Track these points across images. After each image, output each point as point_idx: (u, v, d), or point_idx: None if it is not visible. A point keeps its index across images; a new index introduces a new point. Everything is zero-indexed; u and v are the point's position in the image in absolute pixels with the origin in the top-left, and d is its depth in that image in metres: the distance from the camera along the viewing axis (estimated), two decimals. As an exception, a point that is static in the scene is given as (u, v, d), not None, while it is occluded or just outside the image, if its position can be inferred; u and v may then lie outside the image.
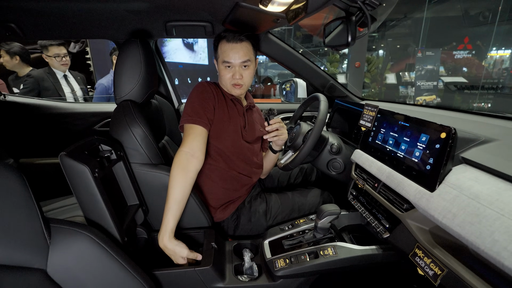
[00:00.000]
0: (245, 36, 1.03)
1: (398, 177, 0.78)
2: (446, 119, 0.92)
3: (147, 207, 0.98)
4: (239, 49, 1.02)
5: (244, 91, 1.13)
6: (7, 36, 1.18)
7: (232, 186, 1.11)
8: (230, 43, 1.02)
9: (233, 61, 1.02)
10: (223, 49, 1.03)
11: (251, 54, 1.06)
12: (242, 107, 1.14)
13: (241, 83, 1.06)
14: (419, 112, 1.00)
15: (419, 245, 0.69)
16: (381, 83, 7.03)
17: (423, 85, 5.75)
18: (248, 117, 1.15)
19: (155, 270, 0.81)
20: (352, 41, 0.67)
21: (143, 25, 1.18)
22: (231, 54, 1.02)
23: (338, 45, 0.73)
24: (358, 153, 1.01)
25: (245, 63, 1.04)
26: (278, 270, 0.84)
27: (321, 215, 0.88)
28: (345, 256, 0.84)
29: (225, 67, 1.04)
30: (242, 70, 1.05)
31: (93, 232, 0.64)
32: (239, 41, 1.02)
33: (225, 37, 1.02)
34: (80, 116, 1.70)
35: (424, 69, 5.71)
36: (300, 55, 1.40)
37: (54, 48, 2.19)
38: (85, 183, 0.69)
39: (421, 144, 0.75)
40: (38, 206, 0.58)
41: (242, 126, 1.11)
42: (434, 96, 5.79)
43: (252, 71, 1.09)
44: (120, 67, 0.97)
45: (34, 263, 0.55)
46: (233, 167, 1.10)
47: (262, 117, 1.29)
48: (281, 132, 1.13)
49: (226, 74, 1.05)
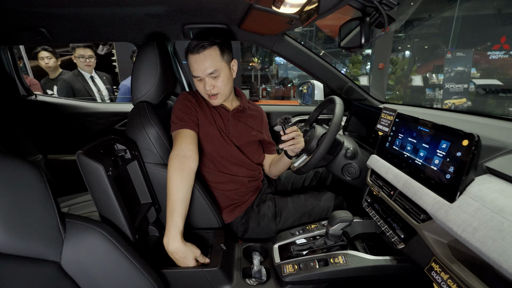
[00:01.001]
0: (209, 43, 0.96)
1: (415, 186, 0.74)
2: (471, 124, 0.86)
3: (159, 206, 1.00)
4: (202, 60, 0.96)
5: (223, 100, 1.07)
6: (38, 40, 1.26)
7: (231, 189, 1.10)
8: (193, 55, 0.97)
9: (200, 74, 0.98)
10: (189, 61, 1.00)
11: (218, 61, 0.98)
12: (227, 112, 1.11)
13: (214, 92, 1.02)
14: (441, 117, 0.95)
15: (436, 258, 0.65)
16: (406, 85, 6.74)
17: (452, 88, 5.43)
18: (235, 121, 1.12)
19: (164, 269, 0.82)
20: (366, 43, 0.64)
21: (162, 28, 1.22)
22: (196, 66, 0.98)
23: (351, 47, 0.71)
24: (374, 158, 0.97)
25: (212, 74, 0.98)
26: (286, 275, 0.83)
27: (333, 221, 0.85)
28: (356, 266, 0.80)
29: (197, 80, 1.02)
30: (212, 80, 1.00)
31: (105, 229, 0.66)
32: (201, 49, 0.96)
33: (189, 47, 0.99)
34: (102, 115, 1.78)
35: (454, 70, 5.40)
36: (317, 57, 1.38)
37: (80, 49, 2.33)
38: (99, 181, 0.72)
39: (441, 151, 0.71)
40: (55, 201, 0.61)
41: (227, 132, 1.09)
42: (464, 99, 5.46)
43: (225, 77, 1.01)
44: (137, 69, 1.00)
45: (49, 255, 0.58)
46: (226, 171, 1.09)
47: (262, 119, 1.25)
48: (297, 140, 1.05)
49: (198, 86, 1.03)
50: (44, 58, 2.51)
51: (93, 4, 0.95)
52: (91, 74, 2.48)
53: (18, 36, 1.28)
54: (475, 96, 5.60)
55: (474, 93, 5.60)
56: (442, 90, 5.53)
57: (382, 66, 6.31)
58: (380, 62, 6.36)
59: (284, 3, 0.71)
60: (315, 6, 0.62)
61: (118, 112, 1.78)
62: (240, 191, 1.12)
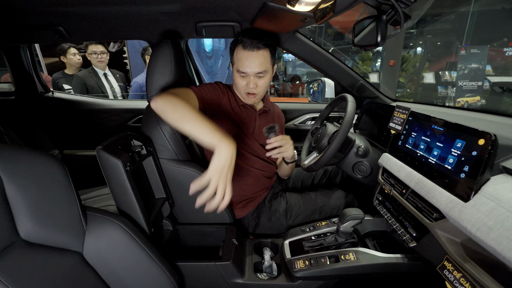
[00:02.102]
0: (264, 43, 0.97)
1: (429, 184, 0.74)
2: (486, 123, 0.85)
3: (173, 201, 1.02)
4: (254, 58, 0.97)
5: (258, 100, 1.10)
6: (56, 39, 1.30)
7: (246, 183, 1.12)
8: (246, 51, 0.97)
9: (248, 70, 0.98)
10: (238, 56, 0.99)
11: (268, 63, 1.01)
12: (254, 111, 1.13)
13: (255, 92, 1.02)
14: (455, 116, 0.93)
15: (448, 257, 0.65)
16: (417, 82, 6.61)
17: (466, 85, 5.29)
18: (260, 122, 1.14)
19: (178, 261, 0.85)
20: (382, 41, 0.64)
21: (175, 26, 1.23)
22: (246, 63, 0.97)
23: (366, 45, 0.71)
24: (386, 157, 0.97)
25: (260, 74, 0.99)
26: (297, 271, 0.84)
27: (344, 219, 0.86)
28: (367, 263, 0.81)
29: (239, 76, 1.01)
30: (257, 79, 1.01)
31: (124, 222, 0.69)
32: (256, 49, 0.96)
33: (242, 42, 0.98)
34: (116, 112, 1.82)
35: (468, 67, 5.25)
36: (328, 54, 1.37)
37: (92, 46, 2.38)
38: (118, 175, 0.75)
39: (456, 150, 0.70)
40: (77, 195, 0.64)
41: (251, 132, 1.11)
42: (478, 97, 5.31)
43: (268, 80, 1.04)
44: (152, 66, 1.02)
45: (72, 245, 0.61)
46: (243, 162, 1.11)
47: (282, 121, 1.27)
48: (284, 148, 1.04)
49: (240, 82, 1.02)
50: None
51: (109, 3, 0.97)
52: (105, 71, 2.52)
53: (37, 35, 1.32)
54: (489, 94, 5.45)
55: (489, 91, 5.44)
56: (455, 88, 5.40)
57: (393, 63, 6.19)
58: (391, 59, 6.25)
59: (299, 1, 0.71)
60: (331, 4, 0.62)
61: (131, 109, 1.82)
62: (255, 186, 1.14)
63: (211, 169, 0.68)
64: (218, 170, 0.68)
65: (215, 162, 0.68)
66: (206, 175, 0.67)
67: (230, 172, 0.70)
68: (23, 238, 0.53)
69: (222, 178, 0.68)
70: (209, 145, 0.71)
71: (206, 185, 0.67)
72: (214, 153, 0.70)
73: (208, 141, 0.71)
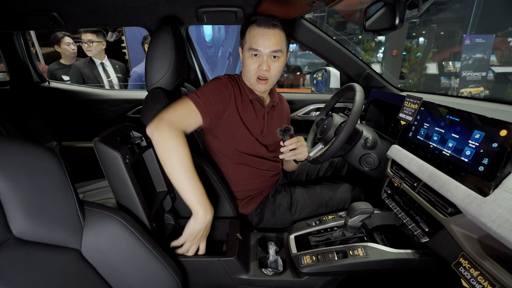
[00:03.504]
0: (280, 22, 0.92)
1: (443, 178, 0.70)
2: (504, 114, 0.81)
3: (174, 194, 0.99)
4: (270, 36, 0.90)
5: (269, 87, 1.01)
6: (51, 25, 1.24)
7: (250, 181, 1.09)
8: (261, 28, 0.90)
9: (262, 49, 0.90)
10: (252, 33, 0.91)
11: (283, 43, 0.94)
12: (263, 108, 1.05)
13: (267, 76, 0.95)
14: (470, 106, 0.89)
15: (464, 254, 0.62)
16: (420, 73, 6.52)
17: (470, 76, 5.21)
18: (268, 120, 1.07)
19: (181, 257, 0.82)
20: (400, 24, 0.59)
21: (175, 11, 1.18)
22: (261, 40, 0.90)
23: (381, 29, 0.66)
24: (396, 149, 0.93)
25: (275, 53, 0.92)
26: (304, 266, 0.82)
27: (352, 213, 0.83)
28: (376, 259, 0.78)
29: (251, 56, 0.93)
30: (271, 61, 0.93)
31: (123, 217, 0.66)
32: (272, 26, 0.90)
33: (256, 21, 0.91)
34: (115, 102, 1.77)
35: (472, 58, 5.16)
36: (335, 42, 1.32)
37: (88, 34, 2.29)
38: (117, 168, 0.71)
39: (474, 142, 0.66)
40: (74, 189, 0.60)
41: (259, 132, 1.05)
42: (482, 88, 5.24)
43: (282, 64, 0.97)
44: (151, 54, 0.97)
45: (70, 242, 0.58)
46: (250, 164, 1.06)
47: (288, 113, 1.22)
48: (299, 151, 0.98)
49: (251, 64, 0.94)
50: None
51: None
52: (102, 61, 2.45)
53: (30, 21, 1.27)
54: (493, 84, 5.37)
55: (493, 81, 5.37)
56: (459, 79, 5.32)
57: (396, 53, 6.09)
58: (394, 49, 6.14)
59: (309, -19, 0.66)
60: (344, -16, 0.57)
61: (130, 99, 1.77)
62: (260, 184, 1.11)
63: (185, 233, 0.80)
64: (192, 235, 0.80)
65: (190, 226, 0.80)
66: (181, 237, 0.81)
67: (204, 235, 0.83)
68: (16, 236, 0.50)
69: (195, 241, 0.82)
70: (189, 206, 0.79)
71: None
72: (192, 216, 0.80)
73: (189, 202, 0.79)
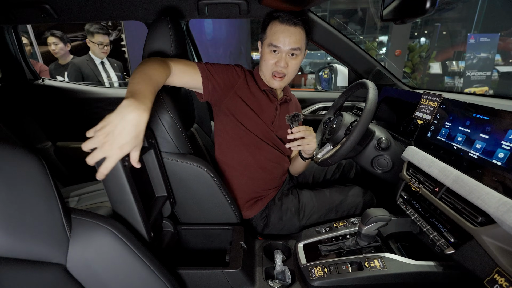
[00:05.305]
0: (302, 20, 0.92)
1: (471, 183, 0.63)
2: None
3: (174, 199, 0.92)
4: (291, 34, 0.90)
5: (285, 84, 1.01)
6: (43, 18, 1.17)
7: (260, 176, 1.02)
8: (283, 25, 0.90)
9: (282, 46, 0.91)
10: (273, 30, 0.92)
11: (303, 42, 0.94)
12: (276, 100, 1.03)
13: (284, 72, 0.95)
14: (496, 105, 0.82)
15: (500, 270, 0.55)
16: (424, 72, 6.45)
17: (474, 76, 5.14)
18: (280, 112, 1.04)
19: (180, 269, 0.75)
20: (432, 8, 0.52)
21: (174, 4, 1.11)
22: (281, 37, 0.90)
23: (406, 16, 0.58)
24: (413, 150, 0.86)
25: (294, 51, 0.92)
26: (315, 279, 0.74)
27: (367, 220, 0.76)
28: (396, 272, 0.71)
29: (271, 51, 0.94)
30: (289, 58, 0.94)
31: (116, 227, 0.59)
32: (294, 24, 0.90)
33: (279, 17, 0.92)
34: (112, 101, 1.70)
35: (477, 57, 5.09)
36: (343, 36, 1.25)
37: (100, 36, 2.29)
38: (114, 172, 0.64)
39: (508, 143, 0.59)
40: (59, 195, 0.53)
41: (271, 121, 1.02)
42: (487, 87, 5.17)
43: (299, 62, 0.97)
44: (148, 48, 0.90)
45: (53, 257, 0.51)
46: (263, 154, 1.01)
47: (300, 111, 1.17)
48: (307, 141, 0.91)
49: (269, 60, 0.94)
50: (51, 44, 2.45)
51: None
52: (102, 60, 2.41)
53: (21, 14, 1.20)
54: (498, 84, 5.30)
55: (497, 81, 5.30)
56: (463, 78, 5.24)
57: (399, 52, 6.01)
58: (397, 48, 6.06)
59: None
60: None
61: None
62: (266, 182, 1.04)
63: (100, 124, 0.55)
64: (103, 128, 0.55)
65: (110, 118, 0.55)
66: (97, 125, 0.56)
67: (129, 142, 0.56)
68: (-10, 252, 0.43)
69: (106, 141, 0.55)
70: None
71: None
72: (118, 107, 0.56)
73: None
